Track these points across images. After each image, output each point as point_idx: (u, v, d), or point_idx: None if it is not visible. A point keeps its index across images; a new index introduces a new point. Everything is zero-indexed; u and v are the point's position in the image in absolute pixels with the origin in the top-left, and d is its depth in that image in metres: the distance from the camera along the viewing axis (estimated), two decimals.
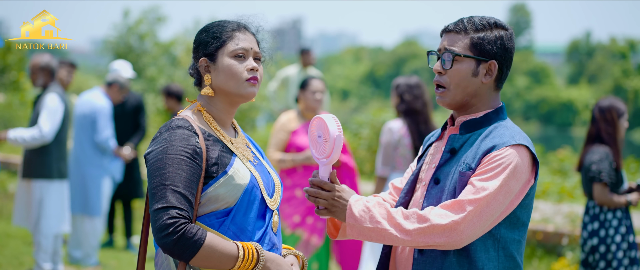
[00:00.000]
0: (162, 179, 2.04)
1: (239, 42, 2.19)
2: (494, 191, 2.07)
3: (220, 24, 2.23)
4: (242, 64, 2.19)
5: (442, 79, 2.21)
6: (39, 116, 5.47)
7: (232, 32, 2.20)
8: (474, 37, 2.17)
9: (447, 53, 2.19)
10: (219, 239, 2.06)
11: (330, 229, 2.34)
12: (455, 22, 2.23)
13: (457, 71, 2.18)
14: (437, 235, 2.07)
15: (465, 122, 2.21)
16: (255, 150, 2.32)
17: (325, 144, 2.15)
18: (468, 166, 2.14)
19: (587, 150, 4.57)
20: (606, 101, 4.55)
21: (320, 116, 2.19)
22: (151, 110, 13.61)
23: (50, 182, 5.57)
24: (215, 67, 2.19)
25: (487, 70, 2.19)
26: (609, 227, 4.47)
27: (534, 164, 2.16)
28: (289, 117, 5.19)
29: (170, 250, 2.02)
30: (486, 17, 2.22)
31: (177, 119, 2.17)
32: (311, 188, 2.18)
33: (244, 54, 2.20)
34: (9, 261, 6.18)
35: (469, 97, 2.19)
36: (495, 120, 2.20)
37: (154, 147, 2.11)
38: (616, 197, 4.47)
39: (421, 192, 2.26)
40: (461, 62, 2.17)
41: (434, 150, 2.31)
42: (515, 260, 2.17)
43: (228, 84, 2.18)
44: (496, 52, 2.18)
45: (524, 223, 2.19)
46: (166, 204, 2.01)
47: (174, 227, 1.99)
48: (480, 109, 2.21)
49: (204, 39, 2.22)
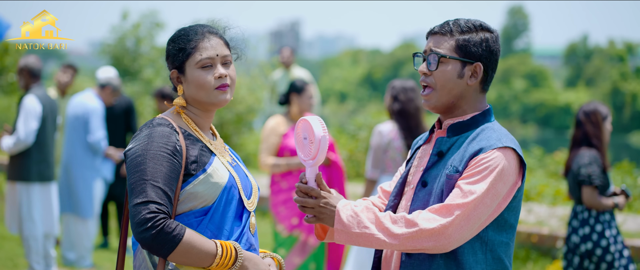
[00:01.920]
0: (142, 175, 2.06)
1: (203, 52, 2.20)
2: (481, 194, 2.08)
3: (184, 34, 2.23)
4: (209, 74, 2.20)
5: (428, 79, 2.23)
6: (18, 120, 5.49)
7: (197, 42, 2.21)
8: (460, 39, 2.19)
9: (432, 54, 2.21)
10: (198, 236, 2.07)
11: (318, 231, 2.35)
12: (440, 24, 2.25)
13: (442, 72, 2.19)
14: (425, 239, 2.08)
15: (453, 124, 2.22)
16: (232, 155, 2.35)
17: (311, 145, 2.16)
18: (455, 169, 2.15)
19: (574, 155, 4.59)
20: (590, 105, 4.60)
21: (305, 118, 2.21)
22: (147, 112, 13.60)
23: (31, 186, 5.57)
24: (185, 78, 2.22)
25: (473, 72, 2.20)
26: (602, 229, 4.49)
27: (520, 166, 2.17)
28: (278, 121, 5.22)
29: (149, 245, 2.03)
30: (472, 19, 2.24)
31: (157, 118, 2.20)
32: (298, 196, 2.19)
33: (210, 62, 2.21)
34: (3, 263, 6.19)
35: (454, 99, 2.21)
36: (482, 123, 2.21)
37: (134, 144, 2.12)
38: (605, 200, 4.50)
39: (409, 195, 2.26)
40: (446, 64, 2.19)
41: (421, 154, 2.32)
42: (502, 263, 2.18)
43: (199, 94, 2.21)
44: (482, 54, 2.20)
45: (512, 225, 2.19)
46: (146, 198, 2.03)
47: (153, 222, 2.00)
48: (467, 112, 2.23)
49: (171, 51, 2.24)
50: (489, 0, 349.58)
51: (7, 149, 5.49)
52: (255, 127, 14.88)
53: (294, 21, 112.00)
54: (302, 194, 2.18)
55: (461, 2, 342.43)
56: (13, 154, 5.56)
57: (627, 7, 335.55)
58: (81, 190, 6.29)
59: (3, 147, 5.51)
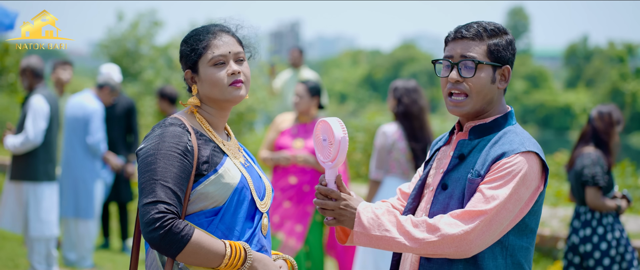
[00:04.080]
0: (152, 174, 2.05)
1: (215, 50, 2.20)
2: (503, 200, 2.05)
3: (196, 33, 2.24)
4: (222, 71, 2.20)
5: (461, 86, 2.17)
6: (26, 120, 5.49)
7: (209, 41, 2.21)
8: (491, 44, 2.16)
9: (467, 61, 2.15)
10: (207, 236, 2.06)
11: (339, 234, 2.31)
12: (465, 27, 2.19)
13: (478, 79, 2.15)
14: (447, 245, 2.05)
15: (475, 127, 2.19)
16: (246, 155, 2.34)
17: (331, 147, 2.14)
18: (477, 173, 2.12)
19: (579, 151, 4.58)
20: (607, 106, 4.63)
21: (325, 119, 2.18)
22: (149, 112, 13.61)
23: (38, 185, 5.57)
24: (199, 77, 2.23)
25: (502, 76, 2.19)
26: (604, 232, 4.48)
27: (543, 171, 2.15)
28: (284, 118, 5.31)
29: (157, 245, 2.02)
30: (492, 22, 2.21)
31: (170, 117, 2.20)
32: (318, 198, 2.17)
33: (223, 59, 2.21)
34: (4, 263, 6.18)
35: (486, 104, 2.18)
36: (504, 126, 2.19)
37: (146, 144, 2.12)
38: (608, 201, 4.49)
39: (429, 198, 2.23)
40: (481, 70, 2.15)
41: (441, 155, 2.29)
42: (522, 268, 2.15)
43: (213, 92, 2.21)
44: (509, 58, 2.19)
45: (532, 230, 2.16)
46: (155, 198, 2.02)
47: (162, 222, 2.00)
48: (491, 114, 2.20)
49: (184, 52, 2.25)
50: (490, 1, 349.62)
51: (13, 148, 5.47)
52: (257, 127, 14.89)
53: (294, 22, 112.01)
54: (322, 196, 2.16)
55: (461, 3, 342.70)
56: (19, 154, 5.56)
57: (626, 8, 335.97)
58: (81, 191, 6.29)
59: (8, 146, 5.49)
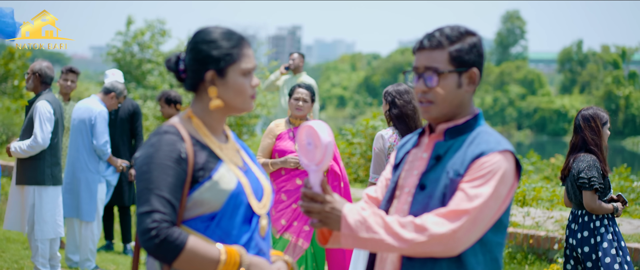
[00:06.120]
0: (146, 184, 2.08)
1: (248, 61, 2.21)
2: (487, 198, 2.10)
3: (228, 36, 2.20)
4: (248, 82, 2.22)
5: (428, 96, 2.21)
6: (34, 124, 5.56)
7: (242, 49, 2.21)
8: (452, 51, 2.18)
9: (429, 71, 2.18)
10: (202, 243, 2.09)
11: (319, 236, 2.31)
12: (427, 38, 2.20)
13: (443, 87, 2.19)
14: (435, 244, 2.08)
15: (450, 129, 2.24)
16: (246, 156, 2.34)
17: (316, 150, 2.14)
18: (457, 173, 2.16)
19: (572, 160, 4.58)
20: (589, 110, 4.58)
21: (309, 124, 2.17)
22: (153, 116, 13.69)
23: (44, 188, 5.63)
24: (224, 82, 2.18)
25: (469, 79, 2.22)
26: (599, 234, 4.52)
27: (517, 169, 2.22)
28: (278, 123, 5.36)
29: (153, 253, 2.07)
30: (455, 26, 2.24)
31: (165, 124, 2.17)
32: (303, 201, 2.18)
33: (252, 71, 2.24)
34: (8, 265, 6.22)
35: (454, 108, 2.22)
36: (475, 126, 2.24)
37: (142, 152, 2.15)
38: (605, 204, 4.53)
39: (405, 199, 2.26)
40: (445, 78, 2.19)
41: (412, 158, 2.32)
42: (498, 262, 2.22)
43: (235, 100, 2.21)
44: (475, 60, 2.21)
45: (505, 226, 2.24)
46: (149, 208, 2.06)
47: (156, 231, 2.04)
48: (463, 116, 2.25)
49: (212, 53, 2.17)
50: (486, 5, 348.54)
51: (21, 152, 5.53)
52: (258, 131, 14.99)
53: (294, 27, 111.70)
54: (308, 200, 2.14)
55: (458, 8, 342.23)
56: (25, 157, 5.63)
57: (620, 13, 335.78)
58: (85, 194, 6.33)
59: (16, 150, 5.55)
